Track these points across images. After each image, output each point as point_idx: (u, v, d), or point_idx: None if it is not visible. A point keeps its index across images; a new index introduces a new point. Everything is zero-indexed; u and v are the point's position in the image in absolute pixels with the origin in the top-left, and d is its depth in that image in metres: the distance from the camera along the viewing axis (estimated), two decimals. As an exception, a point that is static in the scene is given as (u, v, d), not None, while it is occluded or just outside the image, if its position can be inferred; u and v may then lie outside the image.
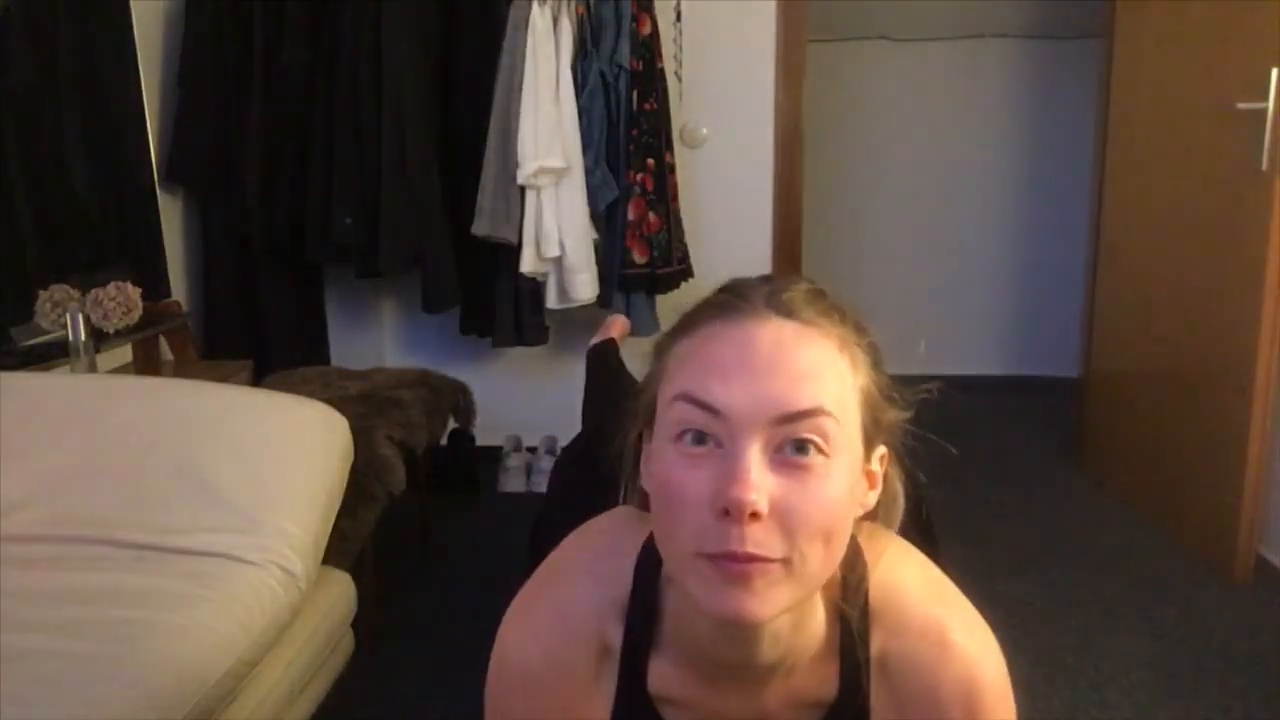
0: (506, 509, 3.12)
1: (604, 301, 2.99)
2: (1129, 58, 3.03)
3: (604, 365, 2.10)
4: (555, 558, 0.93)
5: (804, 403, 0.72)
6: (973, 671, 0.84)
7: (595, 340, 2.30)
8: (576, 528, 0.98)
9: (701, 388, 0.73)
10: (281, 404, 1.88)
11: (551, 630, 0.87)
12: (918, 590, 0.87)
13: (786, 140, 3.25)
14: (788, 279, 0.80)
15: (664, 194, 2.96)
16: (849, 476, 0.75)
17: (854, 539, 0.83)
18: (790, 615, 0.77)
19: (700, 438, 0.73)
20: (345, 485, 1.84)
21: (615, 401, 1.83)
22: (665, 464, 0.74)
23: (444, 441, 3.00)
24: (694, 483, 0.72)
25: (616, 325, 2.46)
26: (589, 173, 2.89)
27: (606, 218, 2.97)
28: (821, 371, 0.74)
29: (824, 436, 0.72)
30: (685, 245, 3.08)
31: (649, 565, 0.85)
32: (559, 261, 2.90)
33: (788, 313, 0.76)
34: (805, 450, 0.72)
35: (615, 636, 0.86)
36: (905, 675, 0.85)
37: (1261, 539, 2.55)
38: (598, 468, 1.54)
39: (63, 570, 1.53)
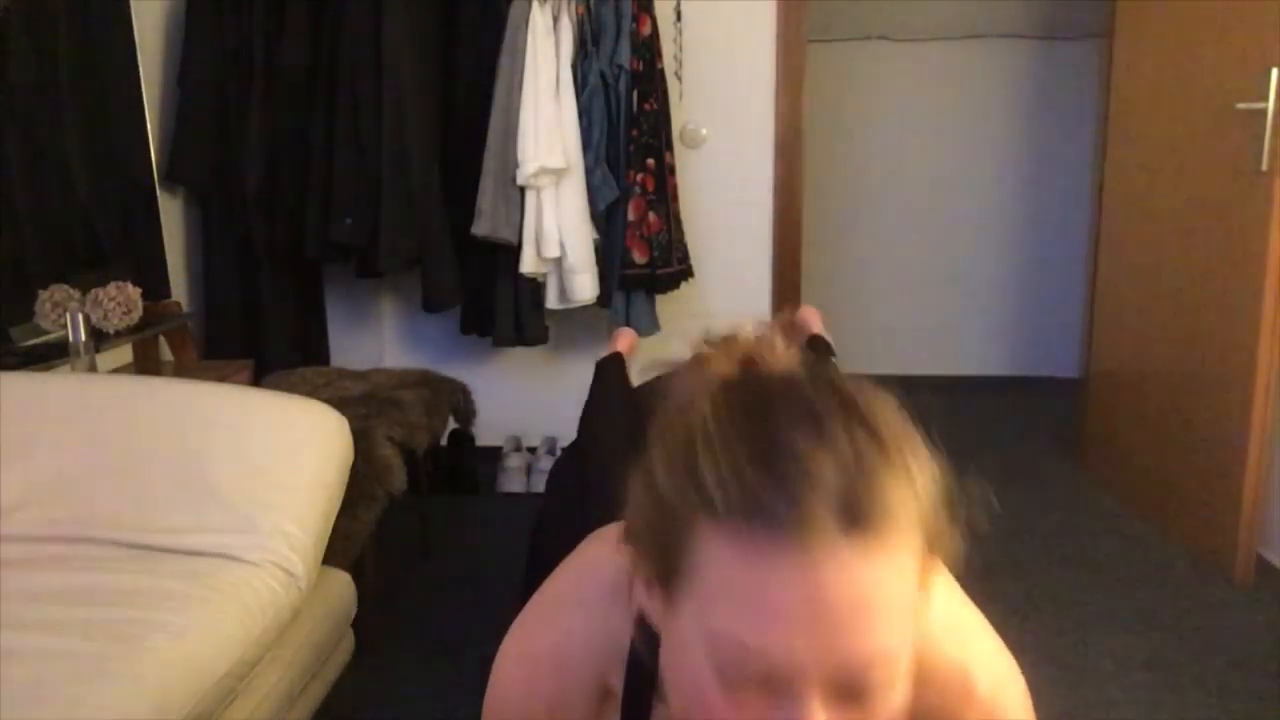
0: (506, 509, 3.12)
1: (604, 302, 2.99)
2: (1129, 58, 3.03)
3: (603, 380, 2.05)
4: (555, 590, 0.89)
5: (877, 653, 0.63)
6: (995, 716, 0.84)
7: (604, 355, 2.23)
8: (569, 535, 0.95)
9: (759, 638, 0.62)
10: (281, 404, 1.88)
11: (551, 673, 0.85)
12: (940, 634, 0.83)
13: (786, 140, 3.25)
14: (865, 442, 0.66)
15: (664, 194, 2.96)
16: (909, 665, 0.67)
17: None
18: None
19: (747, 672, 0.64)
20: (345, 485, 1.84)
21: (606, 419, 1.80)
22: (699, 687, 0.65)
23: (444, 441, 3.00)
24: (738, 716, 0.64)
25: (623, 339, 2.37)
26: (589, 173, 2.89)
27: (606, 218, 2.97)
28: (898, 606, 0.64)
29: (893, 672, 0.65)
30: (685, 245, 3.08)
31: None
32: (559, 262, 2.90)
33: (864, 525, 0.62)
34: (871, 691, 0.64)
35: (617, 681, 0.83)
36: None
37: (1261, 539, 2.55)
38: (585, 478, 1.54)
39: (63, 570, 1.53)
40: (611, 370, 2.08)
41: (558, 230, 2.86)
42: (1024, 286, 4.47)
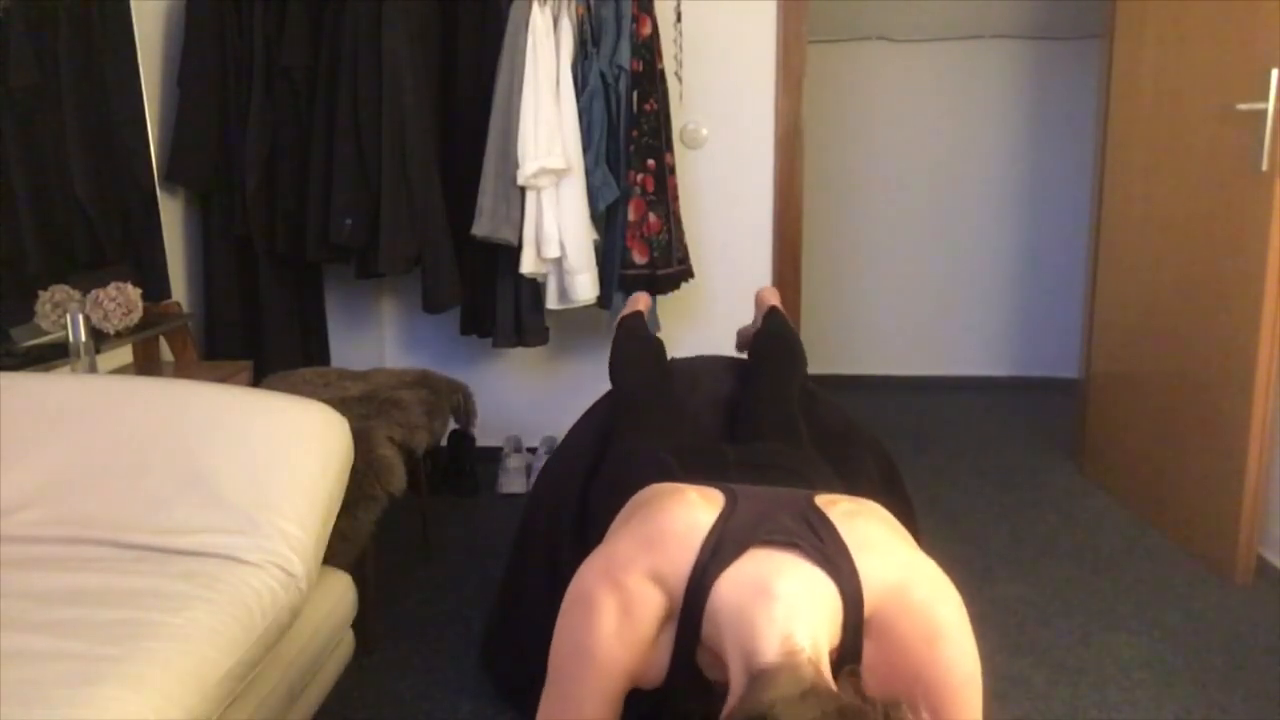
0: (506, 509, 3.12)
1: (604, 302, 2.99)
2: (1129, 58, 3.03)
3: (627, 330, 2.32)
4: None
5: None
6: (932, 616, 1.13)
7: (625, 313, 2.49)
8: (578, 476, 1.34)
9: None
10: (281, 404, 1.87)
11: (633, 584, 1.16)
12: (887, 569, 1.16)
13: (786, 141, 3.25)
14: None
15: (664, 195, 2.96)
16: None
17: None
18: None
19: None
20: (345, 485, 1.84)
21: (636, 364, 2.15)
22: None
23: (444, 442, 3.01)
24: None
25: (642, 300, 2.61)
26: (589, 173, 2.89)
27: (606, 218, 2.97)
28: None
29: None
30: (685, 246, 3.08)
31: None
32: (559, 262, 2.90)
33: None
34: None
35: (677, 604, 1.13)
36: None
37: (1261, 539, 2.56)
38: (619, 415, 2.00)
39: (63, 571, 1.53)
40: (635, 323, 2.38)
41: (558, 231, 2.86)
42: (1024, 287, 4.47)
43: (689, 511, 1.15)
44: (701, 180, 3.29)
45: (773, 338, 2.28)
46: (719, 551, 1.11)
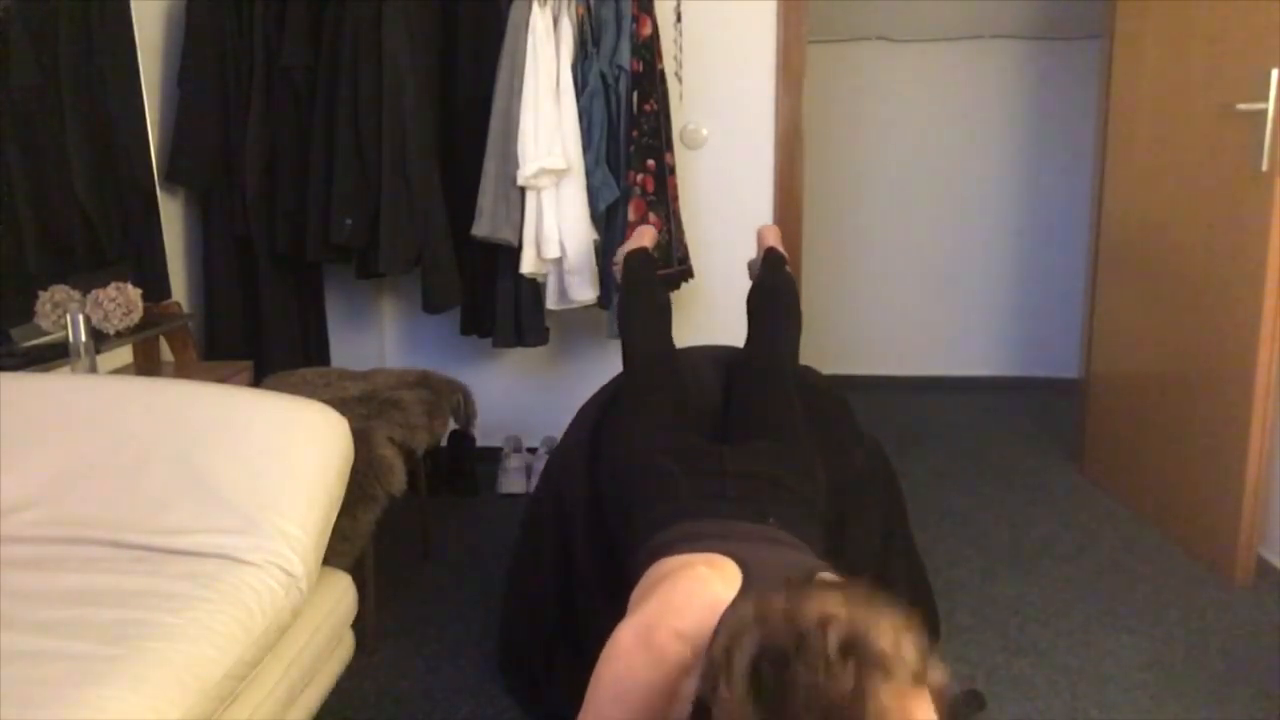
0: (506, 509, 3.12)
1: (604, 302, 2.99)
2: (1129, 58, 3.03)
3: (635, 275, 2.36)
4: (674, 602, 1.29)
5: None
6: None
7: (630, 248, 2.50)
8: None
9: None
10: (281, 405, 1.87)
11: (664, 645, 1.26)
12: None
13: (786, 140, 3.25)
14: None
15: (664, 195, 2.96)
16: None
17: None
18: None
19: None
20: (345, 486, 1.84)
21: (644, 326, 2.21)
22: None
23: (444, 442, 3.01)
24: None
25: (647, 234, 2.61)
26: (589, 174, 2.89)
27: (607, 219, 2.97)
28: None
29: None
30: (685, 246, 3.08)
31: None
32: (559, 263, 2.90)
33: None
34: None
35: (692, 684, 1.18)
36: None
37: (1261, 540, 2.56)
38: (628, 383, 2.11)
39: (63, 571, 1.53)
40: (644, 262, 2.41)
41: (558, 231, 2.86)
42: (1024, 287, 4.47)
43: (706, 587, 1.30)
44: (702, 180, 3.29)
45: (767, 292, 2.28)
46: None
